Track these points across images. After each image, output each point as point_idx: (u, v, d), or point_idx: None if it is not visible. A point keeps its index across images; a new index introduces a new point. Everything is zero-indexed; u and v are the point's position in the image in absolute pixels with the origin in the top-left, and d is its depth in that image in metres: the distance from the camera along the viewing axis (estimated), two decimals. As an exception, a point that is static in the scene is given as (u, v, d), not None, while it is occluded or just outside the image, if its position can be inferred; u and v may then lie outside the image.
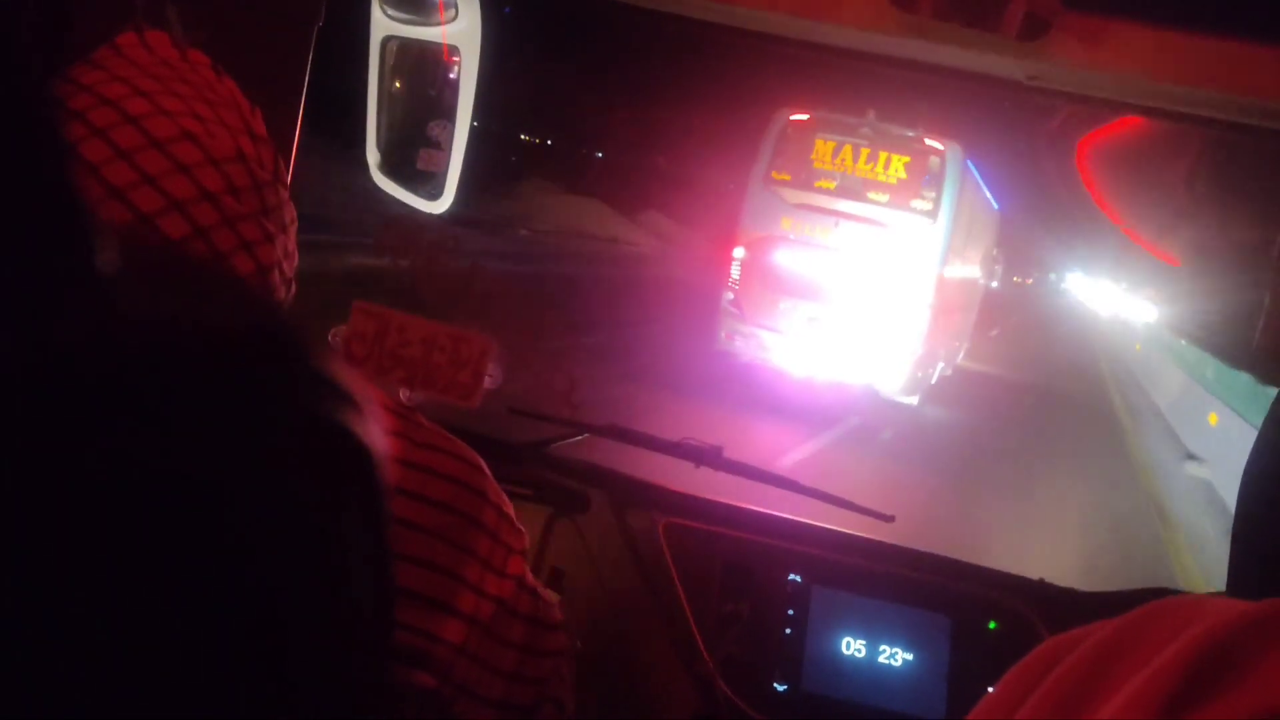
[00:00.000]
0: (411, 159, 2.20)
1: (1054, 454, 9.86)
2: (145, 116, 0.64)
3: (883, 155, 10.10)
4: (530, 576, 0.91)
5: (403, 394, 1.62)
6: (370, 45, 1.80)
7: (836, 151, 10.21)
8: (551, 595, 0.97)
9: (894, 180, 10.08)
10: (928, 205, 10.00)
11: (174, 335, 0.32)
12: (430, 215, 1.90)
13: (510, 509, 0.88)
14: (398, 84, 1.91)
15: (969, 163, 10.78)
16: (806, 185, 10.23)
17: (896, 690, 1.52)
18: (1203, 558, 7.16)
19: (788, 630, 1.54)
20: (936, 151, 10.13)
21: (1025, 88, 1.39)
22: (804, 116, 10.40)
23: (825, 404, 9.35)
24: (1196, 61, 1.23)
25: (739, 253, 10.33)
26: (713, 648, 1.52)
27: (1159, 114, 1.39)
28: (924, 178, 10.10)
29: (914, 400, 10.63)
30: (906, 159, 10.10)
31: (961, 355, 15.07)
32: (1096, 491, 8.74)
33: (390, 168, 1.97)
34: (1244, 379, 10.77)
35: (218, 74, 0.72)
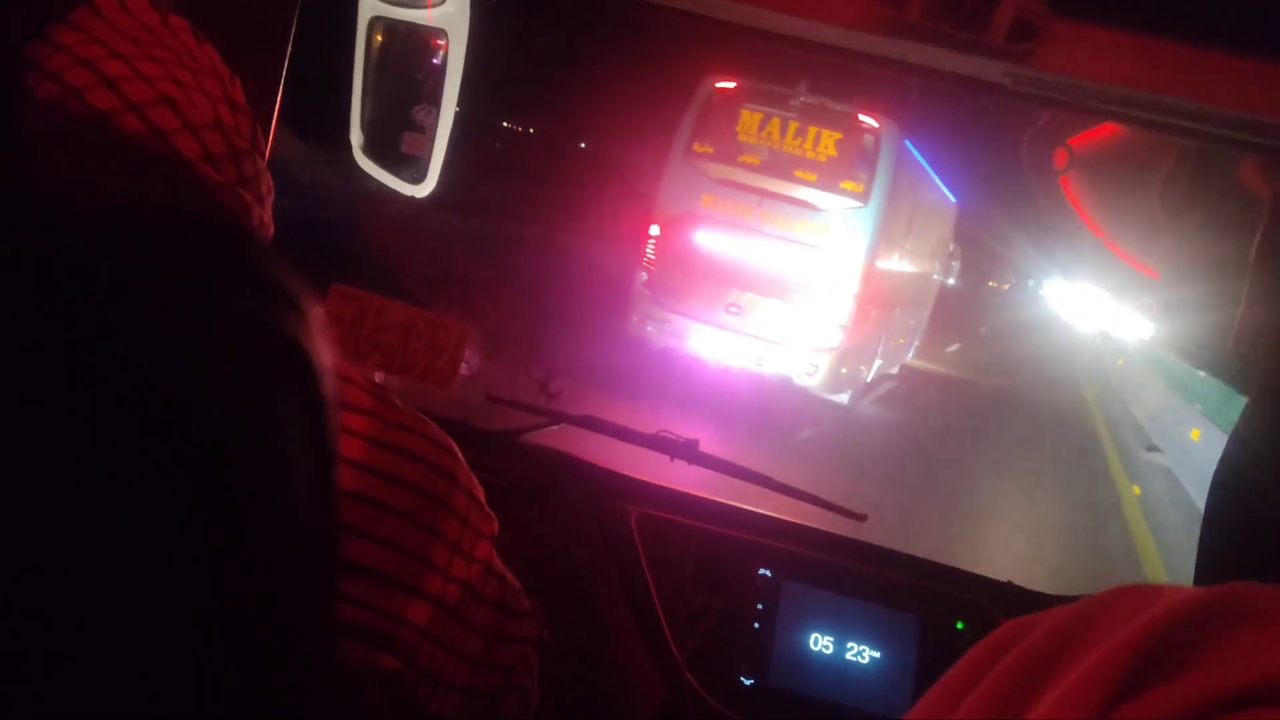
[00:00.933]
0: (395, 142, 2.19)
1: (1017, 469, 9.52)
2: (123, 79, 0.63)
3: (813, 131, 9.24)
4: (499, 562, 0.91)
5: (378, 378, 1.61)
6: (357, 26, 1.78)
7: (763, 124, 9.34)
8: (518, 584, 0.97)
9: (824, 158, 9.24)
10: (858, 187, 9.20)
11: (96, 202, 0.30)
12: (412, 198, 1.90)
13: (481, 494, 0.88)
14: (383, 66, 1.90)
15: (911, 146, 10.14)
16: (730, 160, 9.36)
17: (863, 688, 1.52)
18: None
19: (757, 625, 1.54)
20: (870, 129, 9.29)
21: (1010, 92, 1.39)
22: (730, 85, 9.48)
23: (752, 397, 8.92)
24: (1180, 72, 1.23)
25: (655, 231, 9.48)
26: (681, 641, 1.52)
27: (1141, 122, 1.40)
28: (856, 157, 9.27)
29: (843, 399, 10.02)
30: (838, 136, 9.25)
31: (911, 354, 14.58)
32: (1068, 503, 8.71)
33: (374, 150, 1.96)
34: (1227, 393, 10.56)
35: (198, 40, 0.71)
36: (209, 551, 0.30)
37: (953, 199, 14.39)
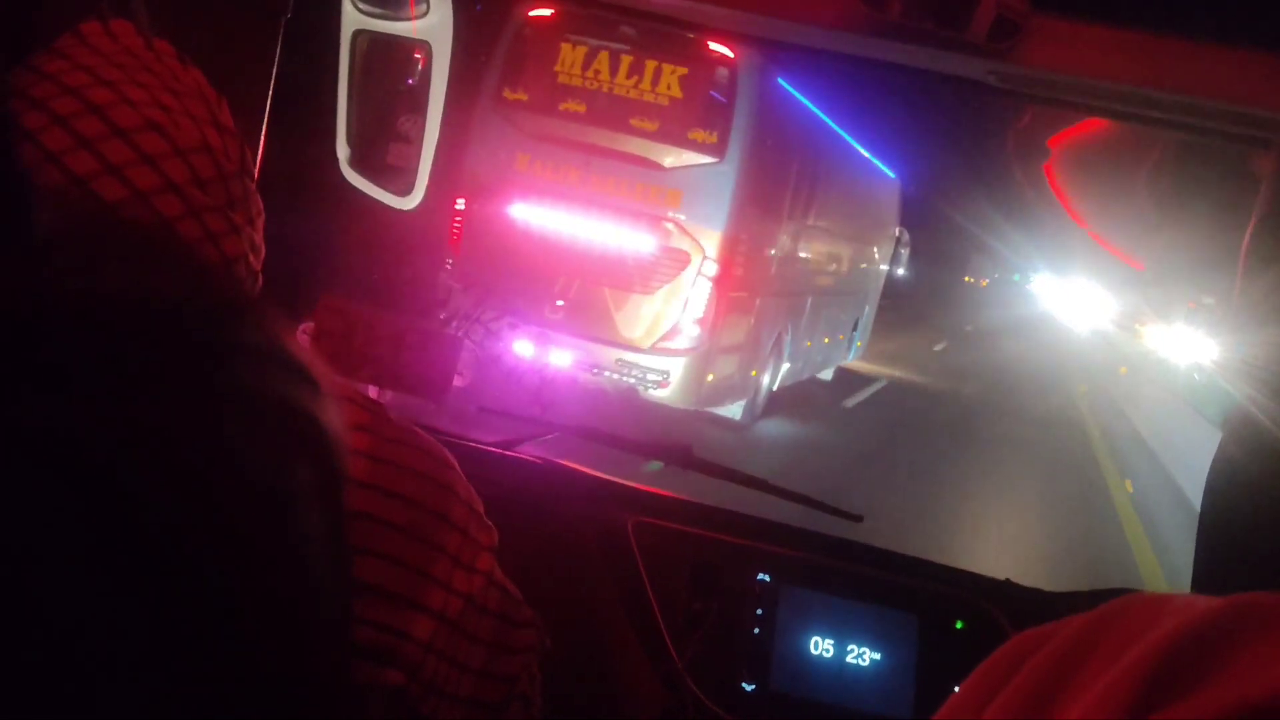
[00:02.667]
0: (382, 154, 2.19)
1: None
2: (109, 105, 0.63)
3: (650, 66, 7.00)
4: (499, 573, 0.91)
5: (372, 392, 1.61)
6: (341, 39, 1.78)
7: (589, 61, 7.11)
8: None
9: (665, 101, 7.04)
10: (711, 137, 7.07)
11: (104, 299, 0.30)
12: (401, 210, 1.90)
13: (480, 505, 0.88)
14: (368, 79, 1.90)
15: (789, 88, 8.03)
16: (549, 109, 7.22)
17: (864, 690, 1.52)
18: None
19: (756, 630, 1.54)
20: (724, 61, 6.97)
21: (993, 89, 1.40)
22: (547, 11, 7.18)
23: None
24: (1163, 66, 1.24)
25: (460, 204, 7.28)
26: (681, 647, 1.52)
27: (1125, 116, 1.41)
28: (707, 99, 7.10)
29: (733, 413, 8.27)
30: (682, 71, 7.01)
31: (852, 355, 13.02)
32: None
33: (361, 162, 1.96)
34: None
35: (183, 64, 0.71)
36: (225, 625, 0.30)
37: (891, 174, 12.90)
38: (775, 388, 9.36)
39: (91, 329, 0.29)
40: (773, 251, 8.56)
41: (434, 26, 1.79)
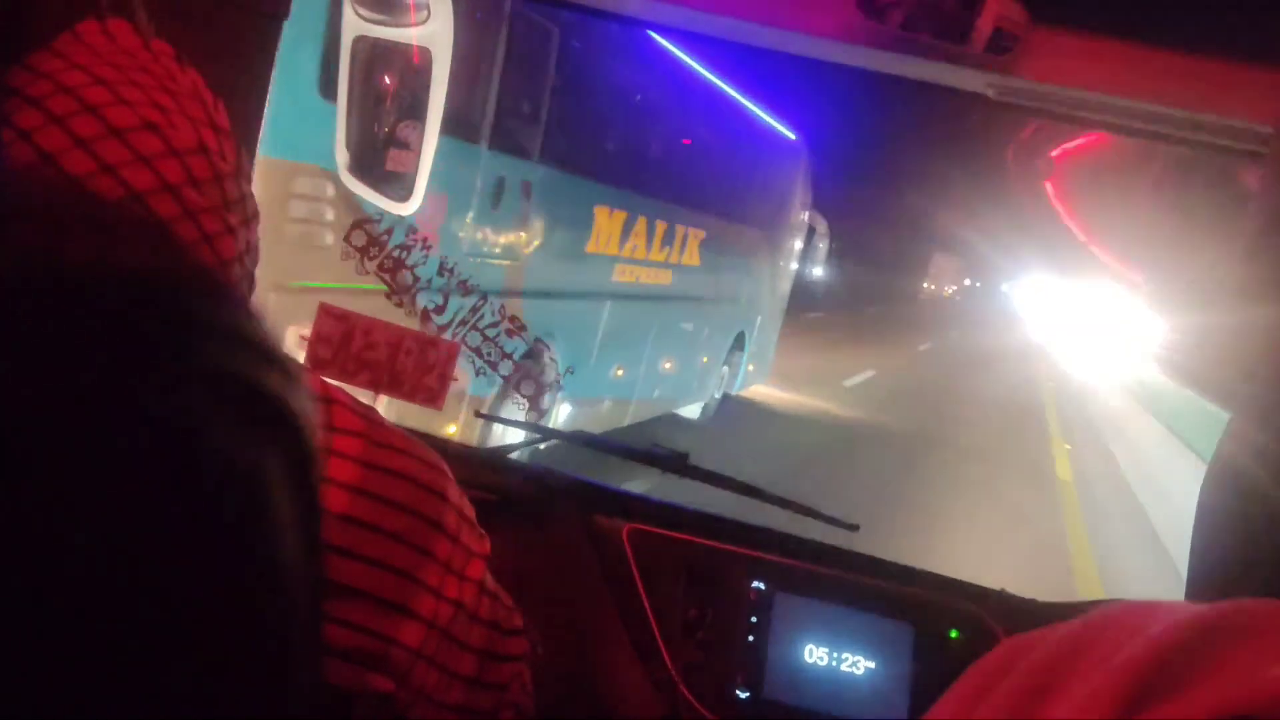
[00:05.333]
0: (381, 160, 2.20)
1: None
2: (105, 105, 0.63)
3: None
4: (492, 581, 0.91)
5: (370, 397, 1.61)
6: (341, 45, 1.79)
7: None
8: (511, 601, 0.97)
9: None
10: None
11: (69, 269, 0.30)
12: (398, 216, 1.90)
13: (472, 512, 0.87)
14: (369, 85, 1.91)
15: None
16: None
17: (858, 698, 1.52)
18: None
19: (750, 637, 1.54)
20: None
21: (992, 101, 1.40)
22: None
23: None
24: (1162, 79, 1.25)
25: None
26: (675, 654, 1.52)
27: (1124, 130, 1.41)
28: None
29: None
30: None
31: (740, 383, 9.73)
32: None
33: (360, 168, 1.96)
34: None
35: (180, 64, 0.71)
36: (194, 610, 0.30)
37: (792, 136, 9.43)
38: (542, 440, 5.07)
39: (54, 298, 0.29)
40: (473, 215, 5.05)
41: (435, 33, 1.79)
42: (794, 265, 10.49)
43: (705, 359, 8.75)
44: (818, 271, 10.97)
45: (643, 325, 7.50)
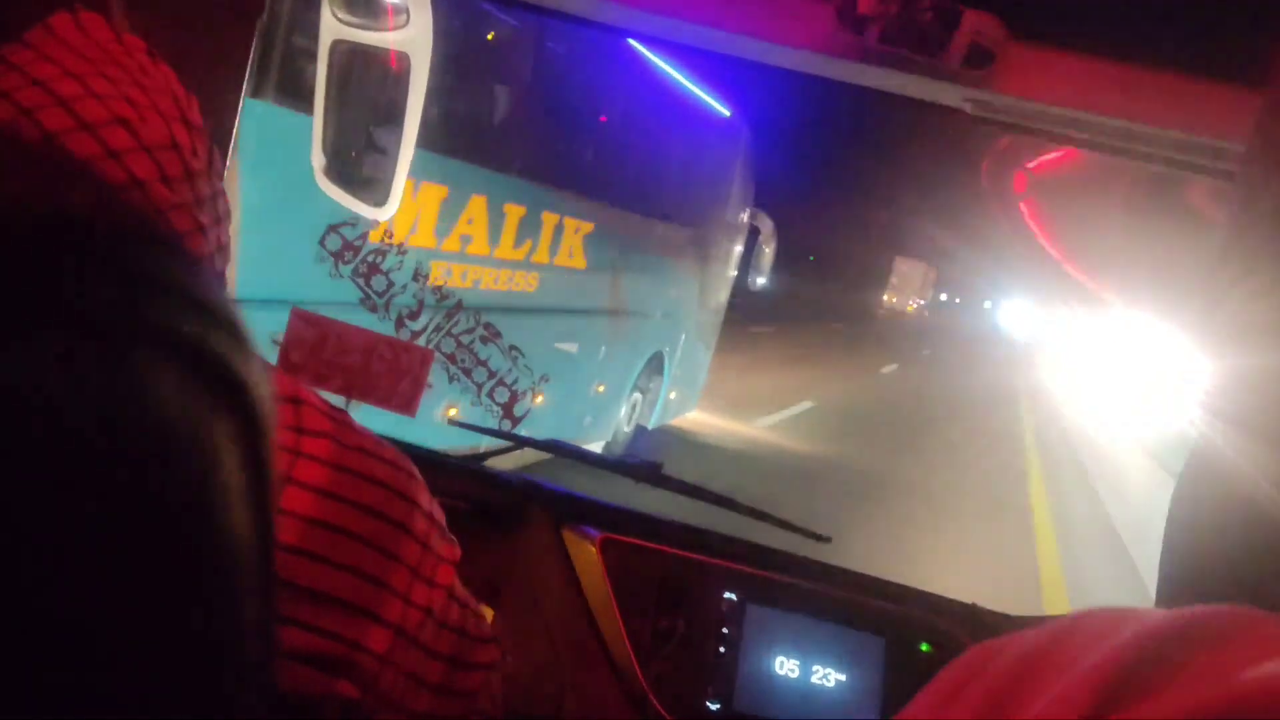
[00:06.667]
0: (358, 164, 2.19)
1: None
2: (75, 99, 0.62)
3: None
4: (461, 588, 0.90)
5: (342, 402, 1.60)
6: (319, 48, 1.78)
7: None
8: (483, 609, 0.96)
9: None
10: None
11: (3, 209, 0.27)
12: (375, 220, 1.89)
13: (442, 518, 0.86)
14: (346, 88, 1.90)
15: None
16: None
17: (829, 711, 1.52)
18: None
19: (722, 649, 1.54)
20: None
21: (969, 116, 1.41)
22: None
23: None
24: (1137, 97, 1.26)
25: None
26: (646, 665, 1.51)
27: (1099, 147, 1.42)
28: None
29: None
30: None
31: (657, 415, 7.87)
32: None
33: (336, 172, 1.95)
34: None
35: (153, 59, 0.70)
36: (137, 581, 0.28)
37: (726, 112, 7.69)
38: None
39: None
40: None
41: (413, 38, 1.79)
42: (732, 272, 8.85)
43: (600, 387, 6.88)
44: (761, 281, 9.27)
45: (489, 346, 5.52)
